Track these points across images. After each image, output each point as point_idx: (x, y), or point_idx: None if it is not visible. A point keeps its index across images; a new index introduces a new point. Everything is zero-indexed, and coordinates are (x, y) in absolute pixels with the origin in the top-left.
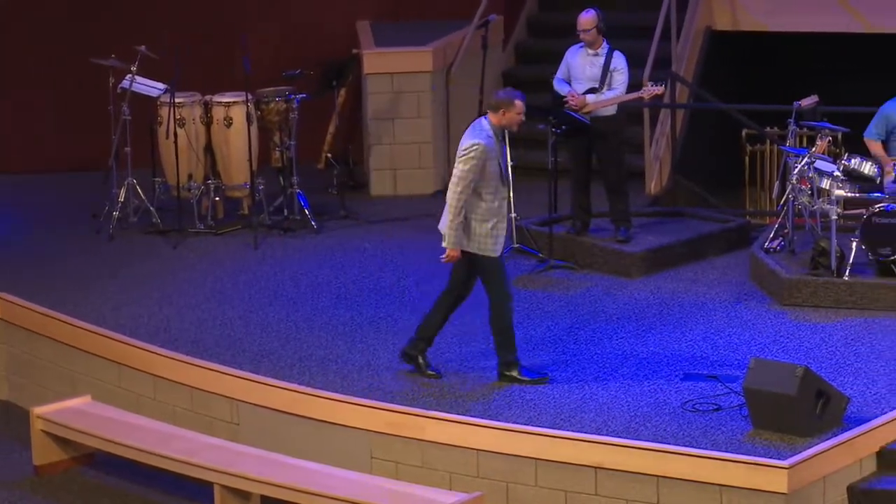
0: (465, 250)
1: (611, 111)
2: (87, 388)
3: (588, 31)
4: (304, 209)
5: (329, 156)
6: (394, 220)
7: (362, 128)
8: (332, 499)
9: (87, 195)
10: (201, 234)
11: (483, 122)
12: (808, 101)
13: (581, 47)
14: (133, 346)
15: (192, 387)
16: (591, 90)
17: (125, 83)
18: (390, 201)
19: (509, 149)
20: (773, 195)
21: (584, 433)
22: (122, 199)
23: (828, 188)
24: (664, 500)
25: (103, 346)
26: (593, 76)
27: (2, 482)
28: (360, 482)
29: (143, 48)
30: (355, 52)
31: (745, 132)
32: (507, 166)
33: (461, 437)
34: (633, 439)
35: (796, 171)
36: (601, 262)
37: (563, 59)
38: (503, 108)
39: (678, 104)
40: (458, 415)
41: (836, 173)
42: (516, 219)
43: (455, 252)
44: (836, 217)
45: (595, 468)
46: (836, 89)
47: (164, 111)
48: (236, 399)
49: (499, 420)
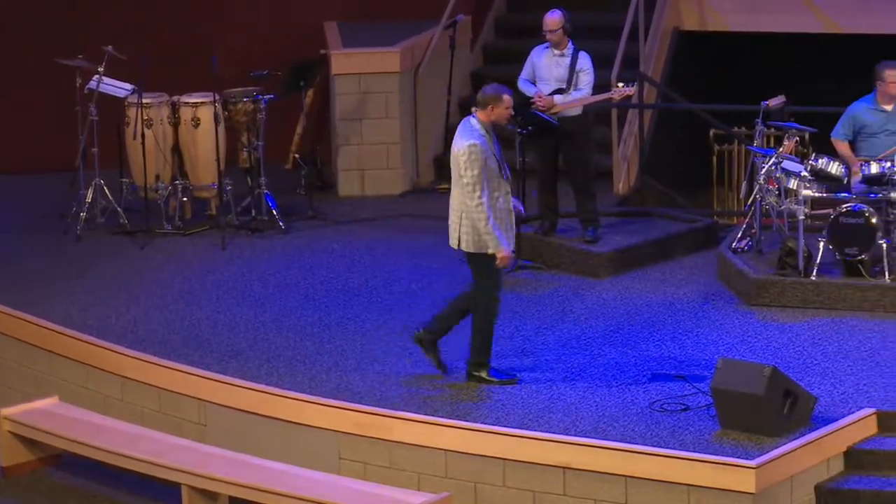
0: (454, 247)
1: (577, 111)
2: (53, 389)
3: (554, 31)
4: (272, 210)
5: (297, 156)
6: (362, 220)
7: (330, 128)
8: (299, 499)
9: (54, 196)
10: (169, 234)
11: (472, 122)
12: (775, 101)
13: (546, 47)
14: (100, 346)
15: (160, 387)
16: (558, 91)
17: (92, 84)
18: (358, 202)
19: None
20: (741, 195)
21: (553, 433)
22: (89, 199)
23: (795, 188)
24: (632, 500)
25: (70, 347)
26: (559, 77)
27: None
28: (328, 483)
29: (111, 48)
30: (323, 52)
31: (712, 132)
32: (503, 160)
33: (429, 437)
34: (601, 439)
35: (764, 171)
36: (569, 262)
37: (528, 59)
38: (491, 103)
39: (646, 104)
40: (425, 415)
41: (804, 173)
42: None
43: (506, 252)
44: (804, 217)
45: (563, 468)
46: (804, 89)
47: (131, 112)
48: (204, 400)
49: (467, 420)
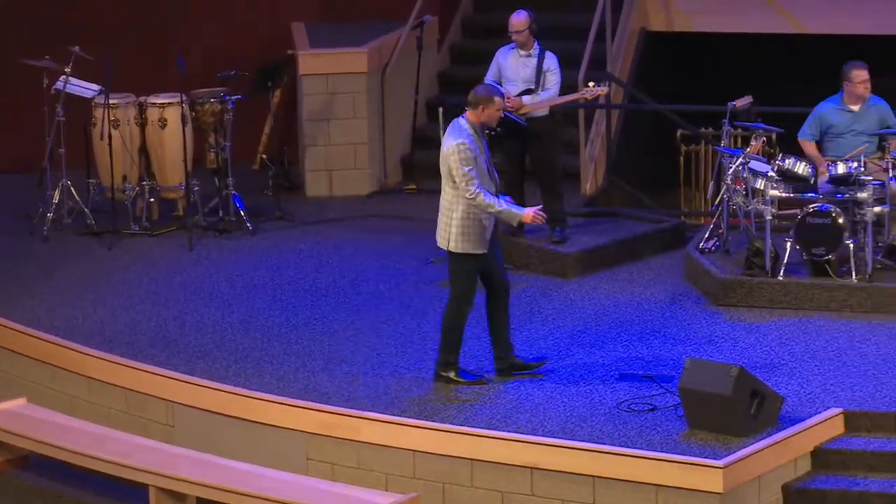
0: (442, 247)
1: (545, 112)
2: (20, 390)
3: (521, 32)
4: (240, 210)
5: (264, 157)
6: (329, 221)
7: (297, 129)
8: (267, 500)
9: (21, 197)
10: (136, 235)
11: (461, 122)
12: (742, 102)
13: (512, 48)
14: (67, 347)
15: (127, 388)
16: (526, 91)
17: (59, 84)
18: (326, 202)
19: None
20: (708, 195)
21: (520, 434)
22: (56, 200)
23: (762, 188)
24: (600, 501)
25: (37, 348)
26: (527, 77)
27: None
28: (296, 483)
29: (77, 49)
30: (290, 53)
31: (679, 133)
32: (490, 161)
33: (397, 437)
34: (569, 440)
35: (731, 171)
36: (537, 262)
37: (494, 60)
38: (482, 104)
39: (613, 105)
40: (393, 415)
41: (771, 173)
42: None
43: (531, 211)
44: (771, 217)
45: (531, 468)
46: (771, 90)
47: (98, 112)
48: (171, 401)
49: (434, 421)
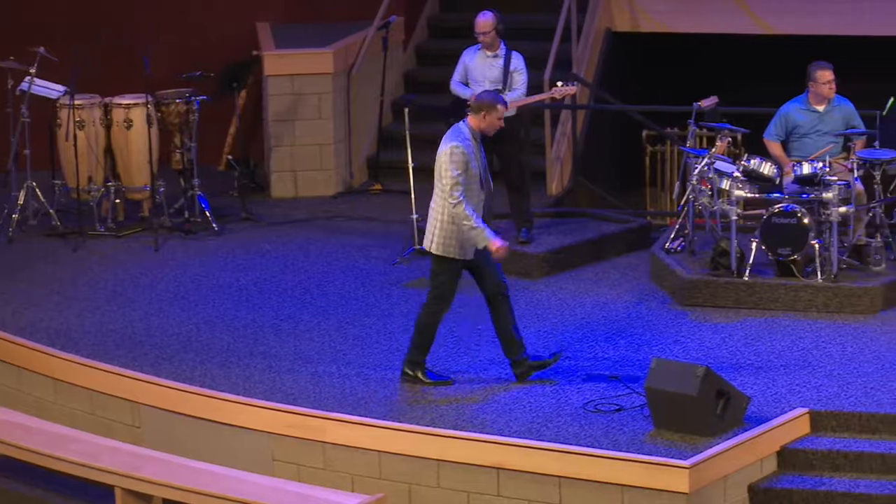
0: (427, 250)
1: (512, 112)
2: None
3: (487, 33)
4: (205, 211)
5: (230, 158)
6: (295, 221)
7: (263, 129)
8: (233, 501)
9: None
10: (102, 236)
11: (461, 127)
12: (707, 102)
13: (478, 49)
14: (32, 349)
15: (93, 390)
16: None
17: (24, 85)
18: (291, 203)
19: (411, 150)
20: (674, 196)
21: (486, 434)
22: (21, 201)
23: (728, 189)
24: (566, 501)
25: (2, 350)
26: (494, 78)
27: None
28: (262, 484)
29: (42, 50)
30: (256, 53)
31: (645, 133)
32: (486, 169)
33: (362, 438)
34: (535, 440)
35: (696, 171)
36: (503, 263)
37: (460, 61)
38: (484, 110)
39: (579, 105)
40: (359, 416)
41: (736, 174)
42: (417, 220)
43: (498, 243)
44: (736, 217)
45: (497, 469)
46: (737, 90)
47: (63, 113)
48: (137, 402)
49: (401, 421)
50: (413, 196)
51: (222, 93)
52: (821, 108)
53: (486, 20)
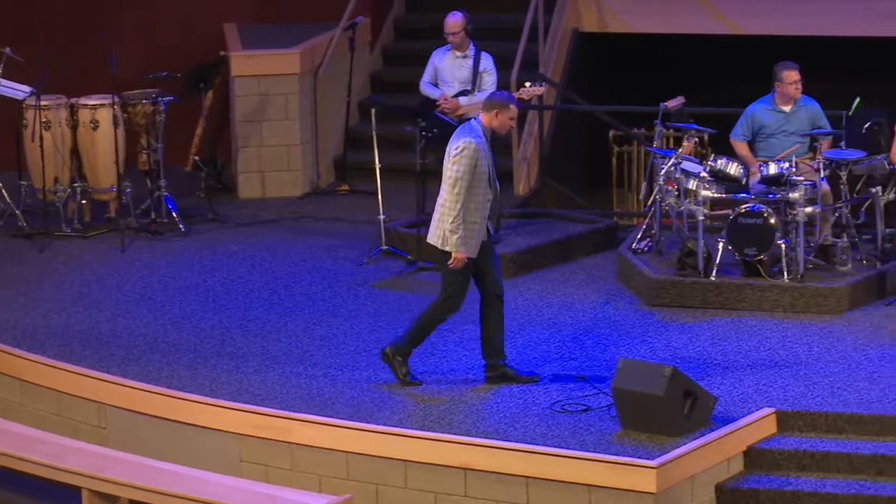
0: (439, 247)
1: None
2: None
3: (456, 33)
4: (172, 212)
5: (197, 158)
6: (262, 222)
7: (230, 130)
8: (201, 502)
9: None
10: (68, 237)
11: (473, 123)
12: (674, 103)
13: (447, 49)
14: None
15: (59, 391)
16: (462, 93)
17: None
18: (258, 203)
19: (377, 150)
20: (641, 196)
21: (454, 434)
22: None
23: (694, 189)
24: (533, 501)
25: None
26: (463, 78)
27: None
28: (230, 485)
29: (8, 50)
30: (222, 54)
31: (612, 133)
32: (494, 168)
33: (329, 439)
34: (502, 440)
35: (663, 171)
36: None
37: (429, 61)
38: (497, 108)
39: (546, 105)
40: (326, 417)
41: (703, 174)
42: (385, 220)
43: (461, 255)
44: (703, 217)
45: (464, 469)
46: (703, 91)
47: (29, 114)
48: (103, 403)
49: (368, 422)
50: (380, 196)
51: (189, 93)
52: (787, 108)
53: (455, 20)
